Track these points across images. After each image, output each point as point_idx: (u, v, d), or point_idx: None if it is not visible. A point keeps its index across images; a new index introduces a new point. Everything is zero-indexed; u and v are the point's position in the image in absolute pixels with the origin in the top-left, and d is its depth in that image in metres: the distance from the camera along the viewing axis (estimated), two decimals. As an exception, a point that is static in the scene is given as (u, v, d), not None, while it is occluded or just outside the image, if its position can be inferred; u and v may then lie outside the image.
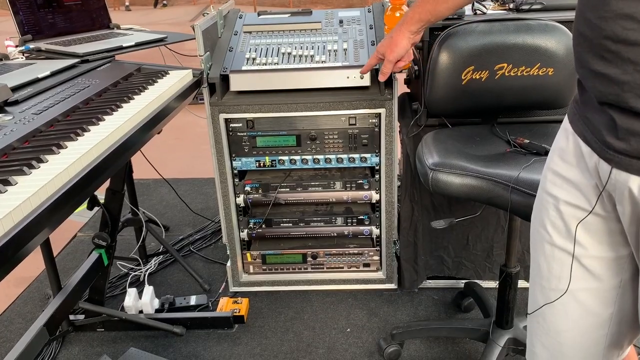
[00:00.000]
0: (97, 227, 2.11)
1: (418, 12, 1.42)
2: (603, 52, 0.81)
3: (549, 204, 1.03)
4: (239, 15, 2.23)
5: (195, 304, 2.15)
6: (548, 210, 1.03)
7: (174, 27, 8.79)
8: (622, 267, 0.99)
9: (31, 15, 1.98)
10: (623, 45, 0.78)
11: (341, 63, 1.89)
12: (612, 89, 0.82)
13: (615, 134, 0.84)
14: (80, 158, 1.11)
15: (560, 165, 1.00)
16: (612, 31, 0.79)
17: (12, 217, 0.89)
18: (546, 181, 1.04)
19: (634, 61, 0.78)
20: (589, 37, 0.84)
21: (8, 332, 2.09)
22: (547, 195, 1.03)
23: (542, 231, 1.05)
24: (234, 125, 1.98)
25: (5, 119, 1.29)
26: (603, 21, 0.80)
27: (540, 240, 1.06)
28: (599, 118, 0.88)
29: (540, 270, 1.08)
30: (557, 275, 1.04)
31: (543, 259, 1.06)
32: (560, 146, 1.00)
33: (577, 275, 1.02)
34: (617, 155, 0.85)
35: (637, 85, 0.78)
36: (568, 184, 0.98)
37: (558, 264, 1.03)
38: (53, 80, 1.59)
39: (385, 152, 1.97)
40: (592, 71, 0.85)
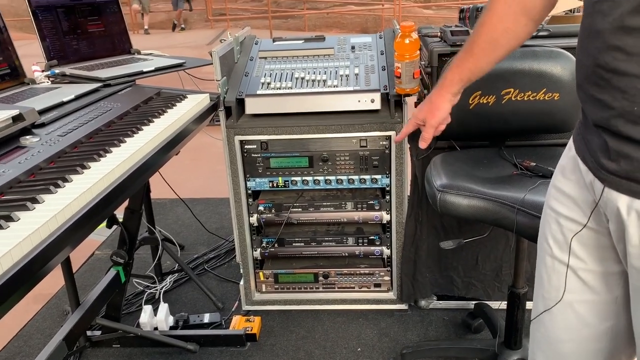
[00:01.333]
0: (115, 245, 2.18)
1: (458, 72, 1.29)
2: (597, 79, 0.87)
3: (551, 217, 1.08)
4: (254, 42, 2.31)
5: (208, 322, 2.19)
6: (550, 224, 1.08)
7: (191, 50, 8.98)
8: (617, 283, 1.02)
9: (57, 42, 2.07)
10: (613, 75, 0.84)
11: (352, 87, 1.95)
12: (604, 113, 0.87)
13: (608, 156, 0.89)
14: (103, 178, 1.17)
15: (561, 181, 1.05)
16: (604, 61, 0.84)
17: (39, 233, 0.95)
18: (550, 197, 1.10)
19: (622, 89, 0.83)
20: (586, 65, 0.90)
21: (27, 347, 2.15)
22: (550, 210, 1.09)
23: (544, 244, 1.11)
24: (249, 146, 2.04)
25: (33, 140, 1.36)
26: (597, 51, 0.86)
27: (543, 252, 1.12)
28: (595, 140, 0.93)
29: (542, 281, 1.13)
30: (556, 286, 1.08)
31: (544, 270, 1.11)
32: (562, 163, 1.06)
33: (574, 287, 1.06)
34: (609, 175, 0.90)
35: (626, 111, 0.83)
36: (567, 199, 1.04)
37: (557, 275, 1.08)
38: (77, 104, 1.67)
39: (395, 174, 2.02)
40: (588, 95, 0.91)
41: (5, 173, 1.16)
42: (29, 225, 0.95)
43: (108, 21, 2.26)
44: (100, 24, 2.23)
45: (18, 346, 2.15)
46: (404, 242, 2.12)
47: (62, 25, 2.08)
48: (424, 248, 2.11)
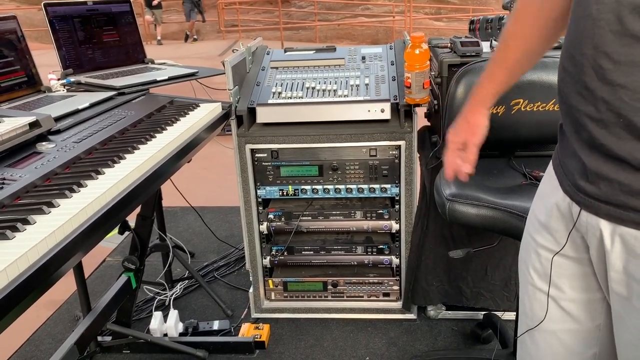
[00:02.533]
0: (126, 252, 2.20)
1: (492, 87, 1.23)
2: (581, 89, 0.84)
3: (530, 246, 1.08)
4: (266, 52, 2.34)
5: (218, 329, 2.20)
6: (530, 252, 1.08)
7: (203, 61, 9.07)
8: (599, 310, 1.01)
9: (72, 51, 2.11)
10: (600, 84, 0.81)
11: (363, 97, 1.97)
12: (586, 126, 0.85)
13: (586, 177, 0.87)
14: (117, 183, 1.20)
15: (540, 209, 1.04)
16: (591, 68, 0.82)
17: (55, 236, 0.97)
18: (529, 224, 1.09)
19: (607, 101, 0.80)
20: (571, 73, 0.87)
21: (39, 351, 2.17)
22: (530, 238, 1.08)
23: (525, 272, 1.10)
24: (259, 155, 2.06)
25: (49, 146, 1.39)
26: (584, 58, 0.83)
27: (525, 281, 1.11)
28: (572, 161, 0.91)
29: (524, 308, 1.12)
30: (538, 314, 1.08)
31: (527, 298, 1.11)
32: (542, 191, 1.05)
33: (555, 316, 1.05)
34: (587, 198, 0.88)
35: (610, 123, 0.81)
36: (544, 228, 1.02)
37: (538, 303, 1.07)
38: (92, 112, 1.70)
39: (405, 183, 2.03)
40: (570, 106, 0.88)
41: (22, 178, 1.18)
42: (45, 228, 0.98)
43: (123, 31, 2.30)
44: (115, 34, 2.27)
45: (30, 351, 2.17)
46: (410, 251, 2.13)
47: (77, 35, 2.13)
48: (430, 257, 2.11)
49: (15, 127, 1.35)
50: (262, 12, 14.77)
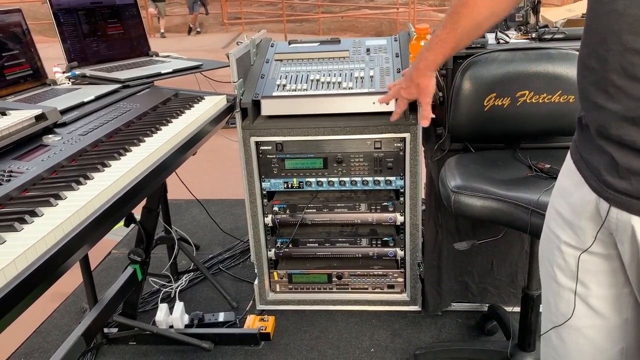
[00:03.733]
0: (131, 245, 2.21)
1: (441, 52, 1.36)
2: (608, 86, 0.83)
3: (553, 243, 1.06)
4: (270, 44, 2.34)
5: (223, 321, 2.21)
6: (552, 249, 1.06)
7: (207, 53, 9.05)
8: (625, 304, 1.00)
9: (77, 44, 2.12)
10: (628, 81, 0.80)
11: (367, 89, 1.97)
12: (615, 124, 0.83)
13: (616, 173, 0.85)
14: (123, 176, 1.20)
15: (562, 205, 1.02)
16: (619, 65, 0.80)
17: (62, 228, 0.98)
18: (550, 219, 1.07)
19: (637, 97, 0.79)
20: (596, 70, 0.85)
21: (45, 342, 2.19)
22: (552, 234, 1.06)
23: (549, 267, 1.08)
24: (264, 147, 2.06)
25: (55, 139, 1.39)
26: (611, 54, 0.81)
27: (548, 276, 1.09)
28: (597, 157, 0.89)
29: (549, 305, 1.11)
30: (564, 312, 1.06)
31: (551, 295, 1.09)
32: (563, 186, 1.03)
33: (582, 314, 1.04)
34: (618, 195, 0.86)
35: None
36: (568, 226, 1.00)
37: (564, 302, 1.06)
38: (97, 104, 1.70)
39: (409, 176, 2.02)
40: (595, 104, 0.87)
41: (29, 170, 1.19)
42: (53, 220, 0.98)
43: (127, 24, 2.30)
44: (119, 27, 2.27)
45: (37, 342, 2.19)
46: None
47: (82, 28, 2.13)
48: (446, 252, 2.10)
49: (22, 119, 1.36)
50: (266, 5, 14.71)
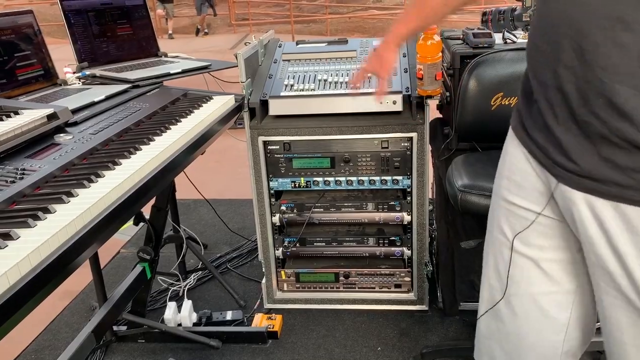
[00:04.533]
0: (139, 244, 2.23)
1: (406, 27, 1.35)
2: (559, 67, 0.87)
3: (505, 210, 1.09)
4: (278, 45, 2.35)
5: (231, 319, 2.23)
6: (506, 216, 1.09)
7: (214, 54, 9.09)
8: (579, 270, 1.04)
9: (88, 45, 2.14)
10: (579, 64, 0.84)
11: (374, 89, 1.97)
12: (564, 103, 0.88)
13: (564, 152, 0.90)
14: (133, 174, 1.22)
15: (513, 172, 1.06)
16: (570, 49, 0.85)
17: (75, 224, 1.00)
18: (501, 188, 1.11)
19: (588, 80, 0.83)
20: (546, 52, 0.90)
21: (55, 340, 2.21)
22: (504, 202, 1.09)
23: (500, 237, 1.11)
24: (272, 147, 2.08)
25: (67, 138, 1.41)
26: (563, 38, 0.86)
27: (499, 245, 1.12)
28: (544, 135, 0.94)
29: (498, 274, 1.13)
30: (518, 280, 1.09)
31: (501, 263, 1.12)
32: (513, 155, 1.07)
33: (535, 279, 1.07)
34: (565, 172, 0.91)
35: (590, 101, 0.84)
36: (522, 190, 1.04)
37: (517, 269, 1.09)
38: (107, 104, 1.72)
39: (417, 175, 2.03)
40: (543, 84, 0.92)
41: (42, 168, 1.21)
42: (65, 217, 1.00)
43: (136, 25, 2.32)
44: (128, 28, 2.29)
45: (47, 339, 2.22)
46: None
47: (92, 29, 2.15)
48: (457, 252, 2.11)
49: (34, 119, 1.38)
50: (273, 6, 14.76)
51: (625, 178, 0.85)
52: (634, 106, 0.80)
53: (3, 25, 1.75)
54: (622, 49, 0.79)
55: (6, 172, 1.18)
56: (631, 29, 0.77)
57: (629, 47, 0.78)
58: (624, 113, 0.81)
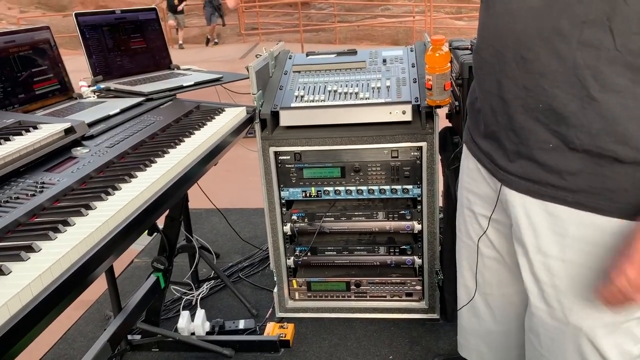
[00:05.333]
0: (153, 254, 2.26)
1: None
2: (502, 77, 0.95)
3: (468, 217, 1.19)
4: (288, 56, 2.39)
5: (243, 328, 2.25)
6: (470, 223, 1.19)
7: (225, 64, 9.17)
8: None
9: (102, 58, 2.19)
10: (520, 72, 0.91)
11: (384, 100, 2.00)
12: (506, 111, 0.95)
13: (507, 157, 0.98)
14: (149, 187, 1.25)
15: (470, 183, 1.15)
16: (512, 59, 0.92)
17: (93, 237, 1.03)
18: (462, 198, 1.20)
19: (528, 88, 0.90)
20: (490, 62, 0.97)
21: (71, 349, 2.24)
22: (466, 209, 1.19)
23: (468, 241, 1.21)
24: (283, 157, 2.11)
25: (83, 151, 1.45)
26: (506, 50, 0.93)
27: (468, 249, 1.22)
28: (489, 142, 1.03)
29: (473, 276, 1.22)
30: (489, 281, 1.18)
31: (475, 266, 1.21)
32: (467, 166, 1.16)
33: (506, 279, 1.16)
34: (508, 175, 0.99)
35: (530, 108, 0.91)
36: (479, 198, 1.13)
37: (488, 270, 1.17)
38: (122, 117, 1.76)
39: (427, 184, 2.05)
40: (488, 93, 0.99)
41: (60, 182, 1.24)
42: (85, 229, 1.03)
43: (149, 38, 2.37)
44: (142, 41, 2.34)
45: (63, 348, 2.25)
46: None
47: (107, 43, 2.20)
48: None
49: (52, 133, 1.42)
50: (282, 15, 14.86)
51: (558, 179, 0.91)
52: (571, 110, 0.86)
53: (21, 41, 1.80)
54: (560, 58, 0.85)
55: (26, 186, 1.22)
56: (567, 40, 0.84)
57: (566, 56, 0.85)
58: (562, 117, 0.87)
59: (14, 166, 1.27)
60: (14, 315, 0.80)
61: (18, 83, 1.75)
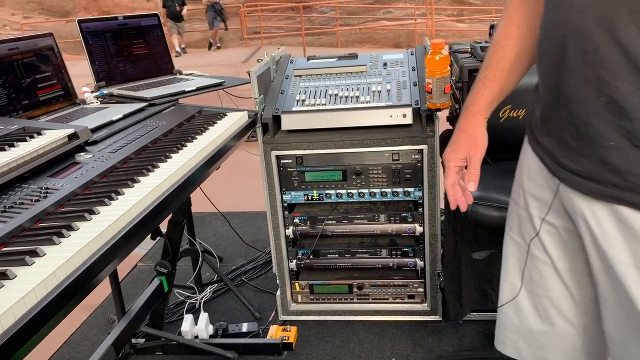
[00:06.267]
0: (155, 258, 2.27)
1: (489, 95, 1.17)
2: (562, 69, 0.90)
3: (522, 215, 1.14)
4: (290, 61, 2.40)
5: (246, 331, 2.26)
6: (526, 225, 1.13)
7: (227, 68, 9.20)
8: (588, 281, 1.05)
9: (105, 64, 2.21)
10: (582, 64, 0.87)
11: (385, 103, 2.01)
12: (566, 104, 0.91)
13: (567, 155, 0.94)
14: (152, 191, 1.26)
15: (530, 184, 1.10)
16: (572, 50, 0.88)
17: (97, 241, 1.04)
18: (517, 196, 1.15)
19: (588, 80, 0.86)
20: (551, 54, 0.94)
21: (76, 353, 2.26)
22: (520, 209, 1.14)
23: (520, 242, 1.16)
24: (285, 161, 2.12)
25: (87, 157, 1.46)
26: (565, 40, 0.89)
27: (517, 247, 1.18)
28: (551, 139, 0.98)
29: (521, 274, 1.18)
30: (537, 281, 1.14)
31: (522, 264, 1.17)
32: (528, 166, 1.11)
33: (553, 285, 1.11)
34: (569, 174, 0.94)
35: (592, 101, 0.87)
36: (538, 200, 1.09)
37: (536, 272, 1.13)
38: (125, 122, 1.78)
39: (428, 186, 2.06)
40: (550, 85, 0.95)
41: (64, 187, 1.26)
42: (88, 234, 1.04)
43: (151, 44, 2.39)
44: (144, 47, 2.36)
45: (67, 352, 2.27)
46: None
47: (109, 49, 2.22)
48: (465, 262, 2.12)
49: (56, 139, 1.43)
50: (284, 19, 14.91)
51: (622, 180, 0.86)
52: (633, 103, 0.82)
53: (25, 48, 1.82)
54: (621, 48, 0.82)
55: (30, 191, 1.23)
56: (629, 29, 0.81)
57: (628, 46, 0.81)
58: (624, 110, 0.83)
59: (19, 172, 1.29)
60: (19, 319, 0.81)
61: (22, 89, 1.77)
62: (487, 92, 1.17)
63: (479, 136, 1.18)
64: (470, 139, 1.19)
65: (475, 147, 1.18)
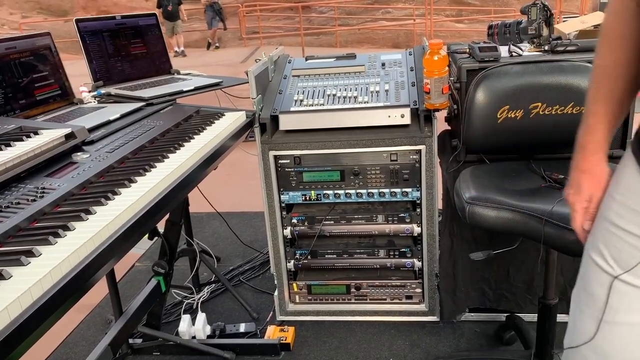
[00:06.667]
0: (154, 258, 2.27)
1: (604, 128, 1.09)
2: None
3: (611, 234, 1.02)
4: (288, 61, 2.40)
5: (244, 331, 2.26)
6: (613, 242, 1.02)
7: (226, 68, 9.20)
8: None
9: (103, 64, 2.20)
10: None
11: (383, 103, 2.01)
12: None
13: None
14: (149, 191, 1.26)
15: (628, 197, 0.99)
16: None
17: (93, 241, 1.04)
18: (610, 211, 1.03)
19: None
20: None
21: (73, 353, 2.25)
22: (611, 225, 1.02)
23: (601, 262, 1.04)
24: (283, 161, 2.12)
25: (84, 156, 1.46)
26: None
27: (599, 271, 1.04)
28: None
29: (594, 301, 1.05)
30: (616, 307, 1.02)
31: (602, 290, 1.03)
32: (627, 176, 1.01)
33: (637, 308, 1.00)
34: None
35: None
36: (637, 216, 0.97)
37: (617, 295, 1.01)
38: (122, 122, 1.77)
39: (426, 187, 2.06)
40: None
41: (61, 187, 1.25)
42: (84, 234, 1.04)
43: (149, 43, 2.38)
44: (142, 46, 2.35)
45: (64, 352, 2.26)
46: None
47: (107, 48, 2.21)
48: (460, 262, 2.13)
49: (53, 138, 1.43)
50: (283, 19, 14.91)
51: None
52: None
53: (22, 47, 1.81)
54: None
55: (27, 191, 1.23)
56: None
57: None
58: None
59: (15, 172, 1.28)
60: (15, 320, 0.81)
61: (19, 89, 1.77)
62: (601, 128, 1.09)
63: (602, 175, 1.11)
64: (594, 179, 1.12)
65: (599, 188, 1.11)
